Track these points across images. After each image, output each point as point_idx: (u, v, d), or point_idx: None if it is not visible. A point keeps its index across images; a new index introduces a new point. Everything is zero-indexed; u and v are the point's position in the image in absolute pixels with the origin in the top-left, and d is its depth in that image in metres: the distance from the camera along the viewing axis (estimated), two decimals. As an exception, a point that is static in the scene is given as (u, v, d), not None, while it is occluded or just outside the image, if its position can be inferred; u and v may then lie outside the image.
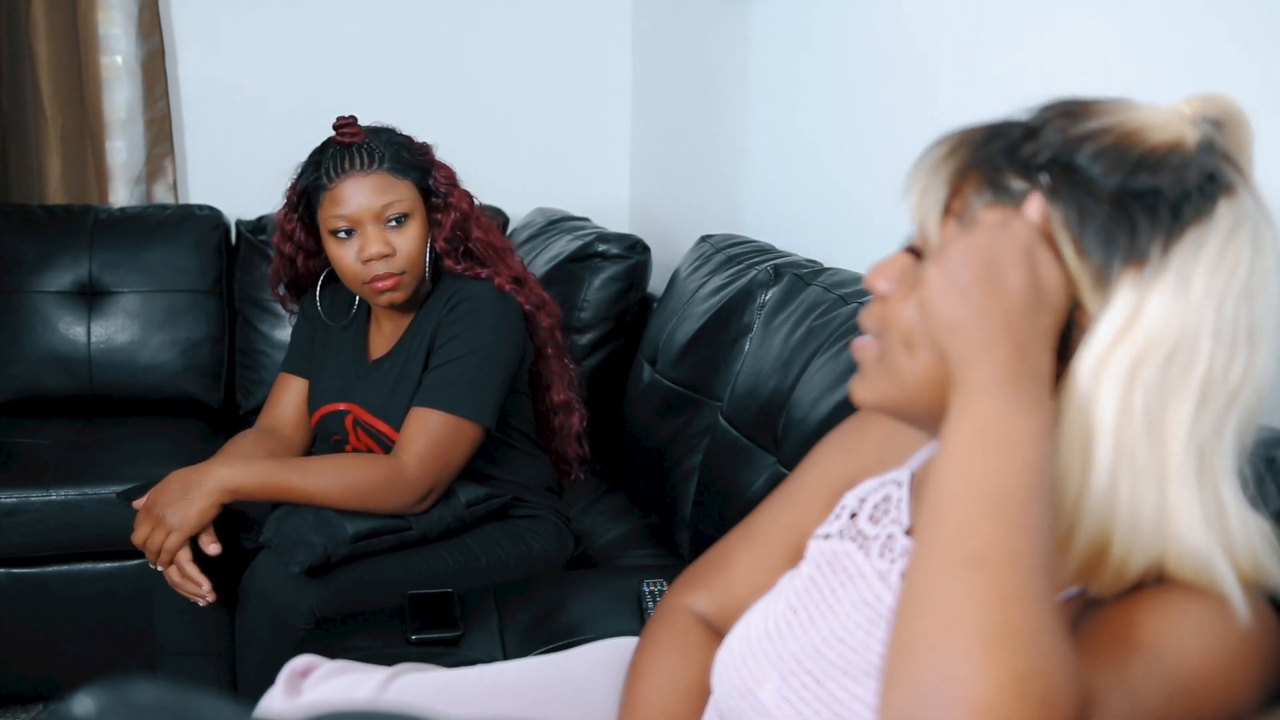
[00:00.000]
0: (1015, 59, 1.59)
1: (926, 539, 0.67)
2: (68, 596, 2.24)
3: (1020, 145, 0.75)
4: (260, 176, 2.96)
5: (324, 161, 1.74)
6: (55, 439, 2.44)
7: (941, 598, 0.64)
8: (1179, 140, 0.72)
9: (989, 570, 0.64)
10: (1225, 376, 0.70)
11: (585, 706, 1.17)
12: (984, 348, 0.69)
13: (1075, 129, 0.74)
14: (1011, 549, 0.64)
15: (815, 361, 1.68)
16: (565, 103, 3.26)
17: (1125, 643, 0.70)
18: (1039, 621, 0.63)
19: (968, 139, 0.77)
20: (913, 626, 0.65)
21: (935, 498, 0.68)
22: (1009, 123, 0.77)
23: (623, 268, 2.47)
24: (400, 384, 1.79)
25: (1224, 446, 0.71)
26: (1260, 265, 0.71)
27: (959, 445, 0.68)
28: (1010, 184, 0.74)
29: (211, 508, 1.61)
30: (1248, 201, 0.72)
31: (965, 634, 0.62)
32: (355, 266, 1.73)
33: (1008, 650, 0.61)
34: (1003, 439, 0.67)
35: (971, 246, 0.71)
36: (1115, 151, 0.72)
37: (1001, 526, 0.65)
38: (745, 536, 1.10)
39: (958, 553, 0.65)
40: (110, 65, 2.89)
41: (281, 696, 1.15)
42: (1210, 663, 0.69)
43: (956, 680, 0.61)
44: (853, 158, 2.09)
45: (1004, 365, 0.68)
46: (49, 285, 2.67)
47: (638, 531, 2.08)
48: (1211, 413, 0.70)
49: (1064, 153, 0.73)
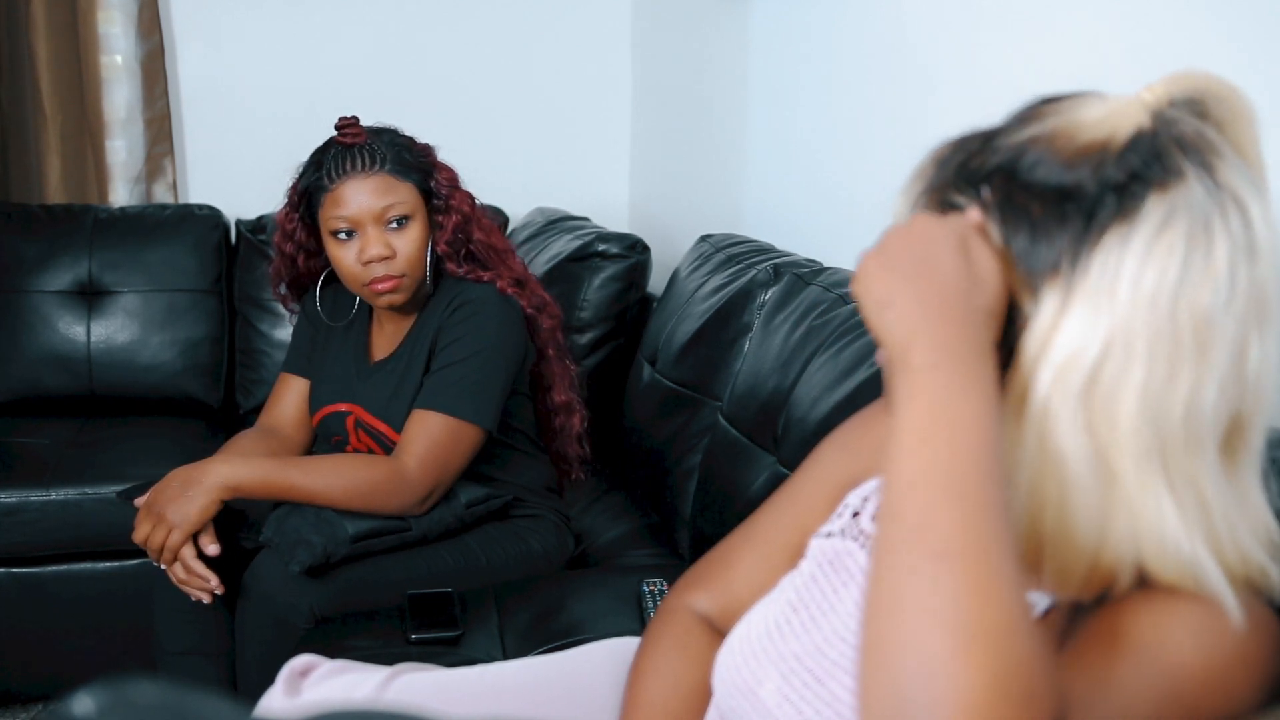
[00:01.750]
0: (1015, 59, 1.59)
1: (888, 533, 0.65)
2: (67, 596, 2.24)
3: (973, 156, 0.75)
4: (260, 176, 2.96)
5: (325, 162, 1.74)
6: (55, 438, 2.44)
7: (911, 595, 0.62)
8: (1109, 136, 0.71)
9: (957, 562, 0.62)
10: (1172, 378, 0.68)
11: (585, 706, 1.17)
12: (921, 326, 0.68)
13: (1023, 133, 0.73)
14: (977, 538, 0.62)
15: (815, 361, 1.67)
16: (565, 103, 3.26)
17: (1109, 646, 0.69)
18: (1014, 614, 0.61)
19: (937, 158, 0.78)
20: (884, 627, 0.63)
21: (891, 489, 0.66)
22: (973, 134, 0.77)
23: (622, 267, 2.47)
24: (402, 385, 1.79)
25: (1197, 445, 0.69)
26: (1202, 259, 0.67)
27: (909, 432, 0.66)
28: (956, 200, 0.74)
29: (212, 505, 1.61)
30: (1194, 191, 0.68)
31: (941, 632, 0.60)
32: (355, 268, 1.73)
33: (986, 646, 0.60)
34: (952, 422, 0.65)
35: (906, 232, 0.72)
36: (1049, 154, 0.71)
37: (963, 514, 0.63)
38: (747, 537, 1.10)
39: (923, 546, 0.63)
40: (110, 65, 2.89)
41: (281, 696, 1.15)
42: (1205, 663, 0.68)
43: (936, 680, 0.59)
44: (852, 157, 2.09)
45: (944, 344, 0.67)
46: (49, 285, 2.67)
47: (637, 531, 2.08)
48: (1169, 414, 0.68)
49: (1009, 159, 0.73)
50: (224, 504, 1.63)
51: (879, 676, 0.62)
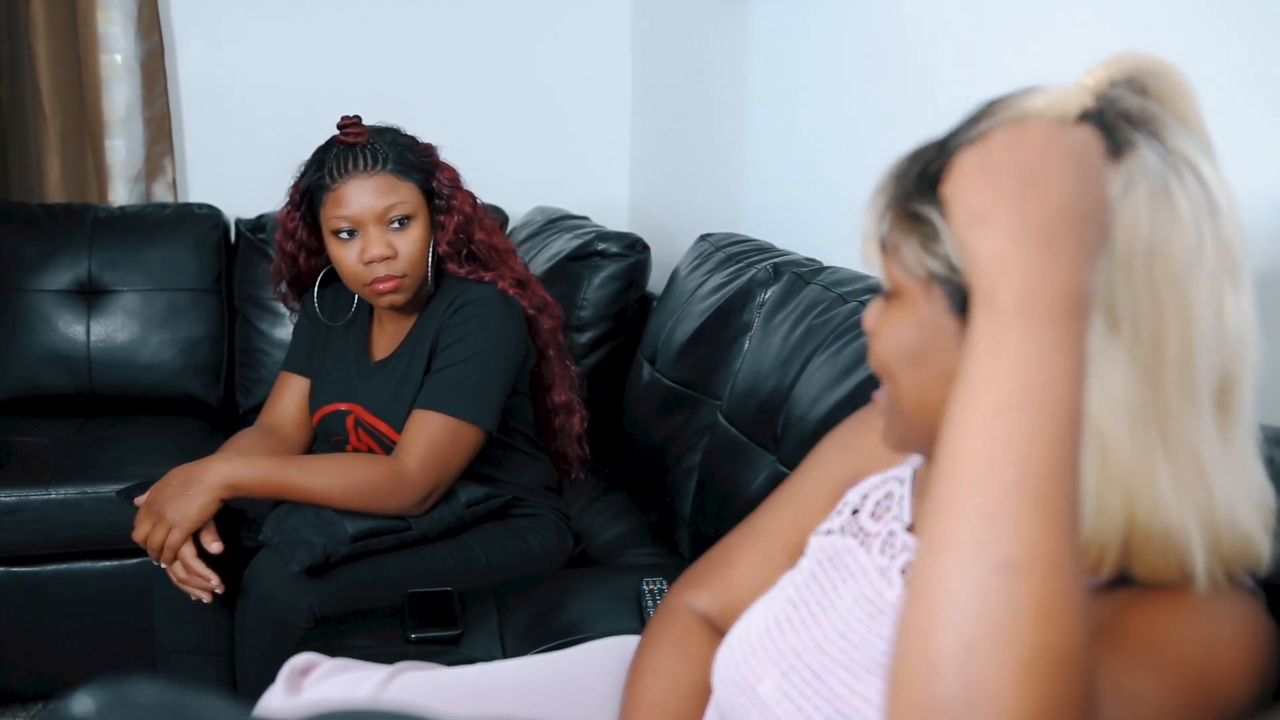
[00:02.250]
0: (1015, 59, 1.59)
1: (944, 523, 0.58)
2: (67, 595, 2.24)
3: (930, 164, 0.75)
4: (260, 175, 2.96)
5: (327, 161, 1.74)
6: (55, 438, 2.44)
7: (965, 603, 0.55)
8: (1058, 120, 0.70)
9: (1025, 578, 0.55)
10: (1159, 340, 0.67)
11: (585, 705, 1.17)
12: (1020, 256, 0.59)
13: (974, 131, 0.74)
14: (1052, 549, 0.55)
15: (815, 360, 1.67)
16: (565, 102, 3.26)
17: (1121, 649, 0.68)
18: (1078, 640, 0.55)
19: (895, 172, 0.78)
20: (928, 632, 0.56)
21: (951, 474, 0.58)
22: (928, 144, 0.78)
23: (622, 266, 2.47)
24: (403, 385, 1.79)
25: (1192, 402, 0.68)
26: (1167, 217, 0.67)
27: (982, 399, 0.58)
28: (920, 210, 0.74)
29: (212, 503, 1.61)
30: (1147, 157, 0.69)
31: (996, 652, 0.54)
32: (356, 268, 1.73)
33: (1044, 673, 0.54)
34: (1042, 393, 0.57)
35: (1018, 134, 0.64)
36: None
37: (1041, 519, 0.55)
38: (747, 535, 1.10)
39: (987, 550, 0.55)
40: (110, 64, 2.89)
41: (282, 695, 1.15)
42: (1207, 666, 0.68)
43: (980, 705, 0.53)
44: (852, 157, 2.09)
45: (1041, 280, 0.58)
46: (48, 284, 2.67)
47: (637, 530, 2.08)
48: (1161, 374, 0.67)
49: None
50: (224, 503, 1.63)
51: (914, 686, 0.56)
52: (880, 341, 0.80)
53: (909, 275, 0.76)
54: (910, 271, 0.76)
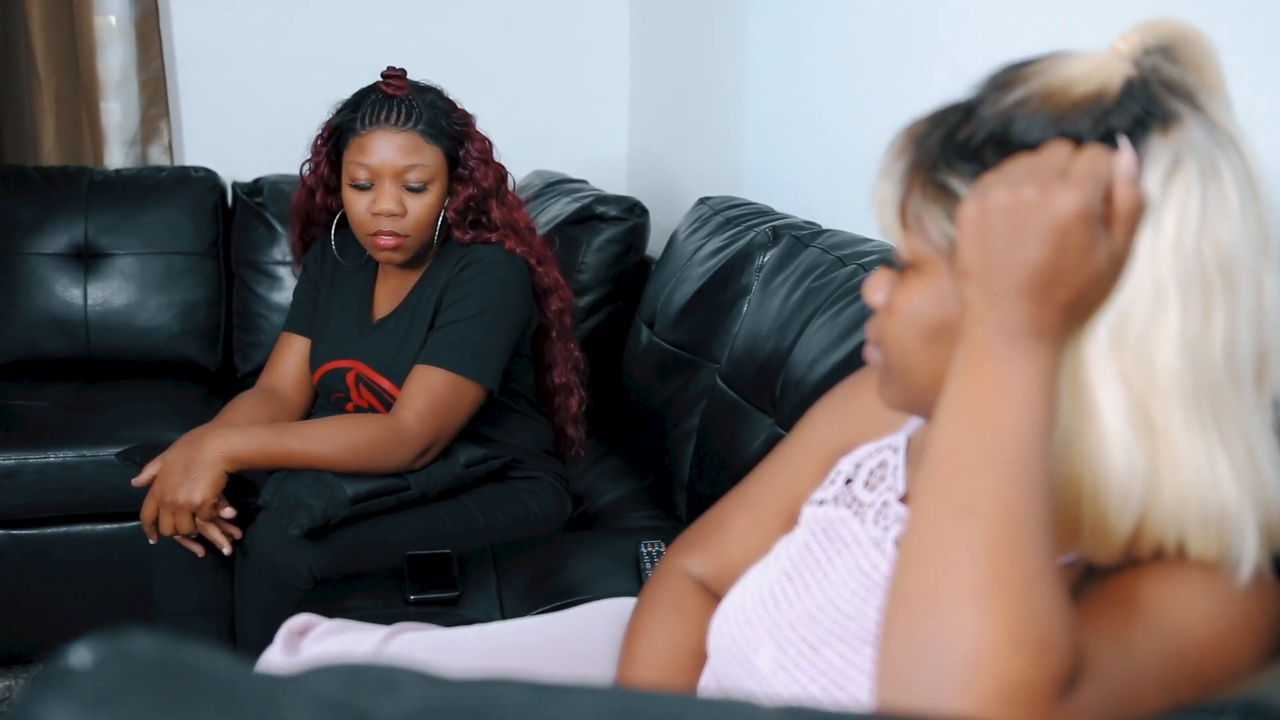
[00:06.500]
0: (1020, 17, 1.58)
1: (924, 491, 0.67)
2: (66, 558, 2.24)
3: (958, 130, 0.73)
4: (256, 139, 2.95)
5: (363, 106, 1.74)
6: (53, 401, 2.44)
7: (936, 546, 0.64)
8: (1102, 87, 0.70)
9: (984, 518, 0.63)
10: (1209, 320, 0.67)
11: (583, 665, 1.17)
12: (989, 303, 0.68)
13: (1005, 100, 0.72)
14: (1007, 498, 0.64)
15: (813, 323, 1.67)
16: (563, 64, 3.24)
17: (1125, 610, 0.68)
18: (1035, 569, 0.62)
19: (914, 135, 0.76)
20: (908, 576, 0.65)
21: (932, 451, 0.68)
22: (950, 107, 0.76)
23: (621, 230, 2.47)
24: (405, 342, 1.79)
25: (1240, 386, 0.68)
26: (1216, 196, 0.67)
27: (954, 399, 0.68)
28: (948, 181, 0.73)
29: (219, 478, 1.61)
30: (1194, 131, 0.68)
31: (959, 582, 0.62)
32: (364, 216, 1.74)
33: (1002, 597, 0.61)
34: (997, 395, 0.66)
35: (1010, 197, 0.67)
36: (1042, 115, 0.70)
37: (996, 477, 0.64)
38: (740, 501, 1.10)
39: (953, 503, 0.65)
40: (104, 26, 2.87)
41: (280, 655, 1.16)
42: (1212, 632, 0.67)
43: (951, 628, 0.61)
44: (853, 119, 2.07)
45: (1005, 325, 0.67)
46: (45, 248, 2.66)
47: (635, 493, 2.08)
48: (1210, 356, 0.67)
49: (999, 127, 0.71)
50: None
51: (898, 621, 0.64)
52: (896, 317, 0.78)
53: (931, 246, 0.74)
54: (933, 242, 0.74)
